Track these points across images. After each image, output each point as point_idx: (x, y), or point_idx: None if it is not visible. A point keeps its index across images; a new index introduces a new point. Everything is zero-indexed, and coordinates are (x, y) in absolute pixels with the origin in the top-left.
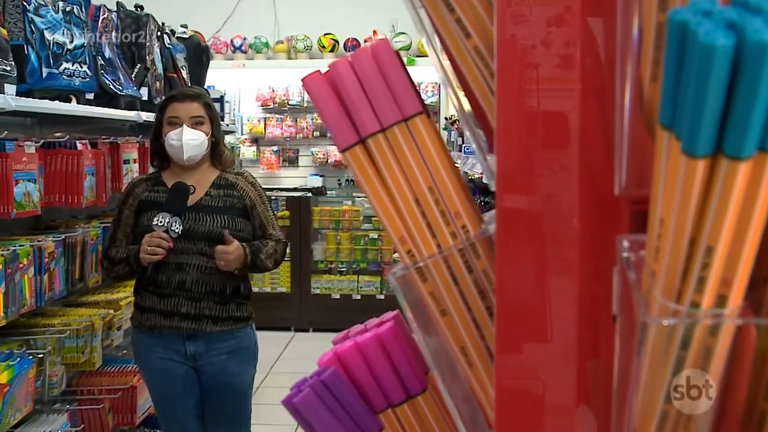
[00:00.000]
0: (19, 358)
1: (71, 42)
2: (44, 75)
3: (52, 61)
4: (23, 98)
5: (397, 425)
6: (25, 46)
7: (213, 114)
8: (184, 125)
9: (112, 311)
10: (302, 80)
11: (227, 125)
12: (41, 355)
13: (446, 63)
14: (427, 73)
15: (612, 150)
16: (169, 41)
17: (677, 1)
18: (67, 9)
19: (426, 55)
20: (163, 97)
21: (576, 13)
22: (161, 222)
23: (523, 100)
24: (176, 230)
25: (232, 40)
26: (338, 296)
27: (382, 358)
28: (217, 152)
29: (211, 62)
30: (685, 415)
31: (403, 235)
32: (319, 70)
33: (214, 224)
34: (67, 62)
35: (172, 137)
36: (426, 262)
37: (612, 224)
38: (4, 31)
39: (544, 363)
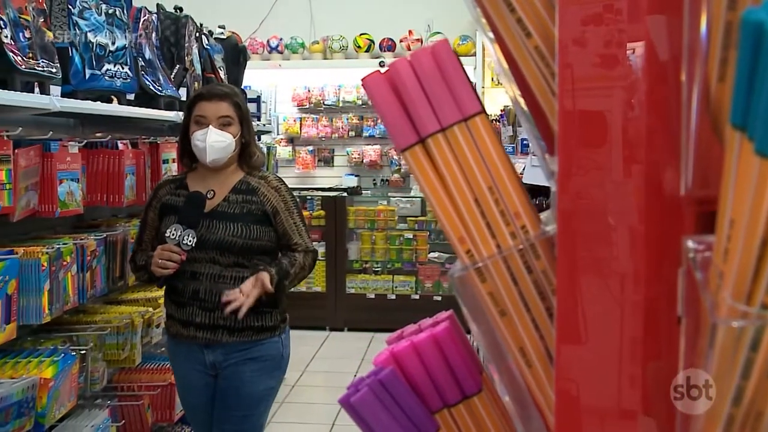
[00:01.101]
0: (63, 354)
1: (113, 44)
2: (87, 76)
3: (94, 63)
4: (67, 99)
5: (452, 425)
6: (69, 48)
7: (243, 114)
8: (211, 126)
9: (151, 309)
10: (362, 80)
11: (263, 125)
12: (84, 352)
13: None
14: None
15: (677, 150)
16: (207, 42)
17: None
18: (110, 11)
19: (461, 55)
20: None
21: (641, 12)
22: (173, 234)
23: (584, 100)
24: (189, 243)
25: (268, 41)
26: (373, 296)
27: (438, 358)
28: (246, 154)
29: (247, 63)
30: (752, 419)
31: (462, 235)
32: (378, 70)
33: (227, 232)
34: (109, 63)
35: (197, 137)
36: (485, 262)
37: (677, 225)
38: (51, 34)
39: (606, 366)
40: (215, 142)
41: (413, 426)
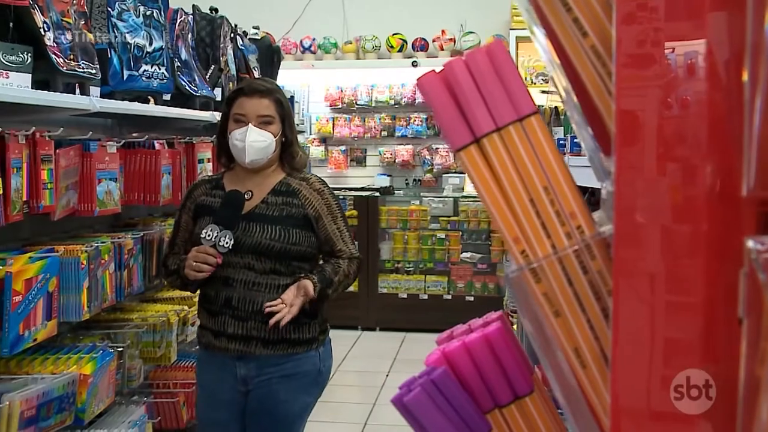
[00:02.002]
0: (101, 351)
1: (150, 45)
2: (125, 77)
3: (132, 64)
4: (106, 100)
5: (504, 426)
6: (108, 49)
7: (285, 111)
8: (250, 125)
9: (186, 307)
10: (417, 80)
11: (297, 125)
12: (121, 349)
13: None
14: None
15: (739, 151)
16: (241, 42)
17: None
18: (147, 13)
19: None
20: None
21: (701, 10)
22: (209, 236)
23: (642, 100)
24: (225, 245)
25: (301, 41)
26: (405, 296)
27: (489, 359)
28: (288, 154)
29: (281, 63)
30: None
31: (517, 235)
32: (434, 70)
33: (264, 236)
34: (146, 64)
35: (236, 136)
36: (540, 262)
37: (738, 226)
38: (91, 36)
39: (664, 369)
40: (255, 141)
41: (465, 426)
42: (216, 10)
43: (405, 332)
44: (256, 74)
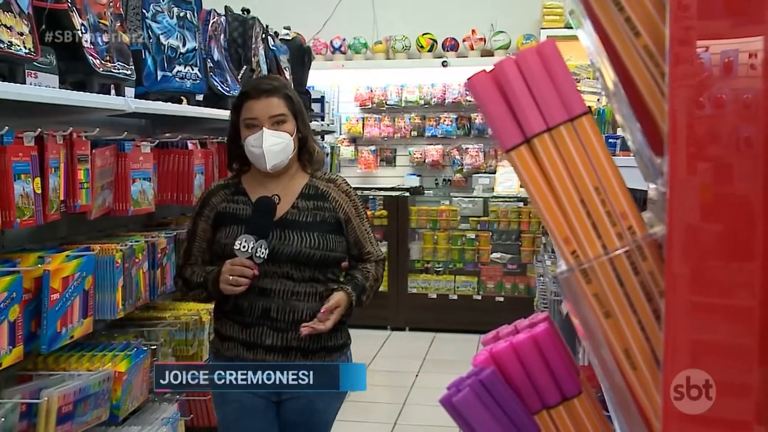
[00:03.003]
0: (135, 349)
1: (184, 46)
2: (159, 78)
3: (166, 65)
4: (140, 100)
5: (552, 427)
6: (142, 50)
7: (296, 107)
8: (264, 128)
9: None
10: (467, 79)
11: (327, 125)
12: (154, 347)
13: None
14: None
15: None
16: (273, 43)
17: None
18: (181, 14)
19: None
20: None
21: (759, 8)
22: (245, 247)
23: (696, 100)
24: (262, 256)
25: (331, 41)
26: (435, 296)
27: (537, 359)
28: (305, 151)
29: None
30: None
31: (568, 235)
32: (484, 70)
33: (303, 244)
34: (179, 65)
35: (251, 143)
36: (591, 263)
37: None
38: (126, 37)
39: (719, 372)
40: (273, 145)
41: (514, 426)
42: (248, 11)
43: (434, 332)
44: (287, 74)
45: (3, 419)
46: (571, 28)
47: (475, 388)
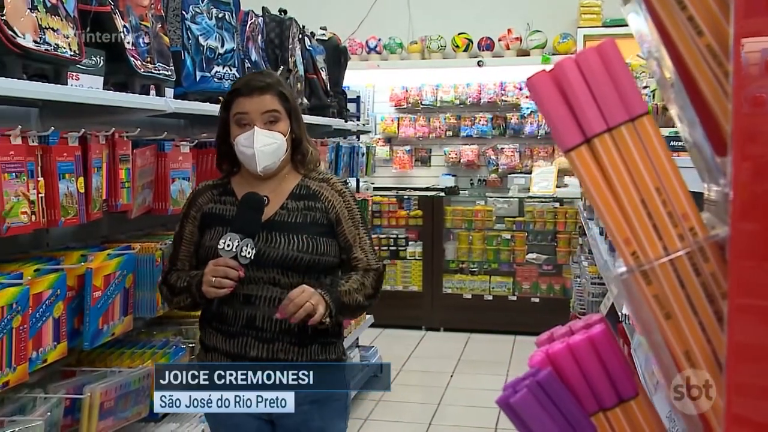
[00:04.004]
0: (174, 346)
1: (222, 46)
2: (198, 78)
3: (205, 65)
4: (180, 101)
5: (608, 429)
6: (182, 51)
7: (291, 105)
8: (256, 126)
9: None
10: (527, 79)
11: (363, 125)
12: (192, 345)
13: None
14: None
15: None
16: (309, 43)
17: None
18: (220, 15)
19: (562, 53)
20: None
21: None
22: (229, 246)
23: (762, 99)
24: (248, 256)
25: (367, 41)
26: (470, 296)
27: (594, 360)
28: (299, 152)
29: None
30: None
31: (628, 236)
32: (544, 69)
33: (290, 246)
34: (218, 66)
35: (241, 143)
36: (652, 264)
37: None
38: (167, 39)
39: None
40: (264, 146)
41: (571, 428)
42: (285, 12)
43: (469, 333)
44: (324, 75)
45: (49, 413)
46: (609, 26)
47: (532, 389)
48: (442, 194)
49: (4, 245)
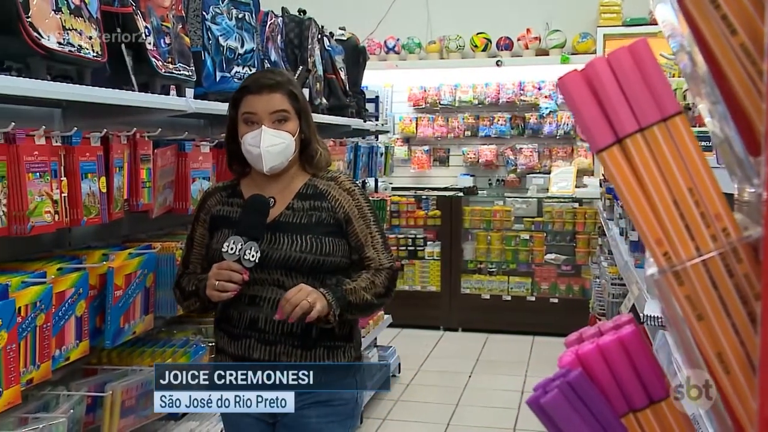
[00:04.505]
0: (194, 345)
1: (242, 47)
2: (218, 79)
3: (225, 66)
4: (200, 101)
5: (639, 430)
6: (202, 52)
7: (301, 105)
8: (264, 126)
9: None
10: (559, 79)
11: (381, 125)
12: (212, 344)
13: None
14: None
15: None
16: (328, 43)
17: None
18: (240, 16)
19: (581, 53)
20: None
21: None
22: (232, 249)
23: None
24: (252, 259)
25: (385, 41)
26: (488, 296)
27: (624, 361)
28: (308, 153)
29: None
30: None
31: (660, 237)
32: (576, 69)
33: (293, 247)
34: (237, 66)
35: (248, 141)
36: (684, 265)
37: None
38: (187, 40)
39: None
40: (271, 146)
41: (602, 429)
42: (304, 12)
43: (487, 333)
44: (343, 75)
45: (71, 411)
46: (629, 26)
47: (563, 390)
48: (461, 194)
49: (27, 244)
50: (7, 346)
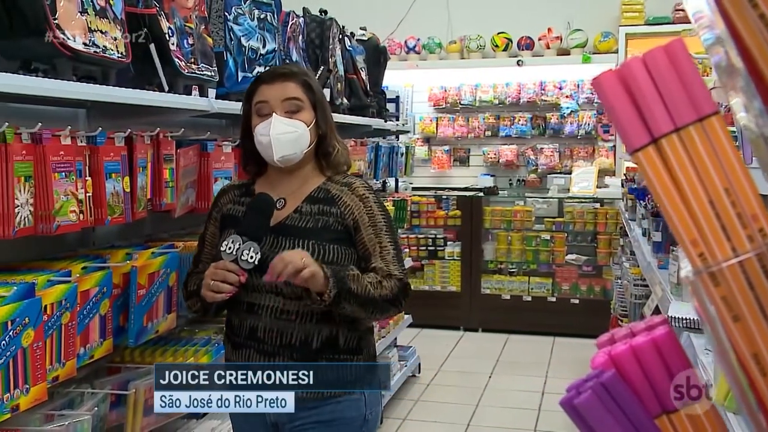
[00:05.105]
0: (216, 344)
1: (264, 47)
2: (239, 79)
3: (246, 66)
4: (222, 101)
5: None
6: (224, 52)
7: (317, 97)
8: (274, 114)
9: None
10: (594, 79)
11: (402, 125)
12: None
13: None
14: (605, 70)
15: None
16: (349, 43)
17: None
18: (261, 16)
19: (603, 52)
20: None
21: None
22: (230, 248)
23: None
24: (250, 260)
25: (406, 41)
26: (508, 297)
27: (658, 363)
28: (323, 149)
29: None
30: None
31: (696, 237)
32: (611, 69)
33: None
34: (259, 66)
35: (259, 131)
36: (720, 266)
37: None
38: (210, 40)
39: None
40: (282, 134)
41: (635, 430)
42: (325, 12)
43: (507, 334)
44: (363, 75)
45: (96, 408)
46: (652, 24)
47: (596, 391)
48: (481, 194)
49: (52, 243)
50: (34, 343)
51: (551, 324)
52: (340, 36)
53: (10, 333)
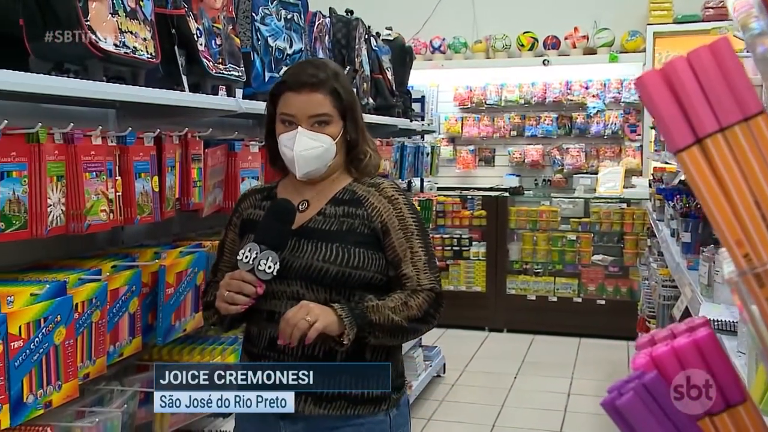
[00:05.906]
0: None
1: (290, 47)
2: (266, 79)
3: (273, 66)
4: (249, 101)
5: None
6: (251, 52)
7: (345, 105)
8: (300, 128)
9: None
10: (637, 79)
11: (427, 125)
12: None
13: None
14: (632, 70)
15: None
16: (375, 43)
17: None
18: (288, 17)
19: (630, 51)
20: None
21: None
22: (247, 257)
23: None
24: (268, 270)
25: (431, 41)
26: (534, 297)
27: (699, 364)
28: (355, 155)
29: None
30: None
31: (740, 238)
32: (654, 68)
33: (316, 256)
34: (286, 66)
35: (284, 142)
36: (765, 266)
37: None
38: (237, 40)
39: None
40: (306, 150)
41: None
42: (351, 12)
43: (533, 334)
44: (389, 75)
45: (125, 405)
46: (681, 23)
47: (639, 392)
48: (506, 194)
49: (83, 242)
50: (66, 341)
51: (577, 325)
52: (366, 36)
53: (43, 330)
